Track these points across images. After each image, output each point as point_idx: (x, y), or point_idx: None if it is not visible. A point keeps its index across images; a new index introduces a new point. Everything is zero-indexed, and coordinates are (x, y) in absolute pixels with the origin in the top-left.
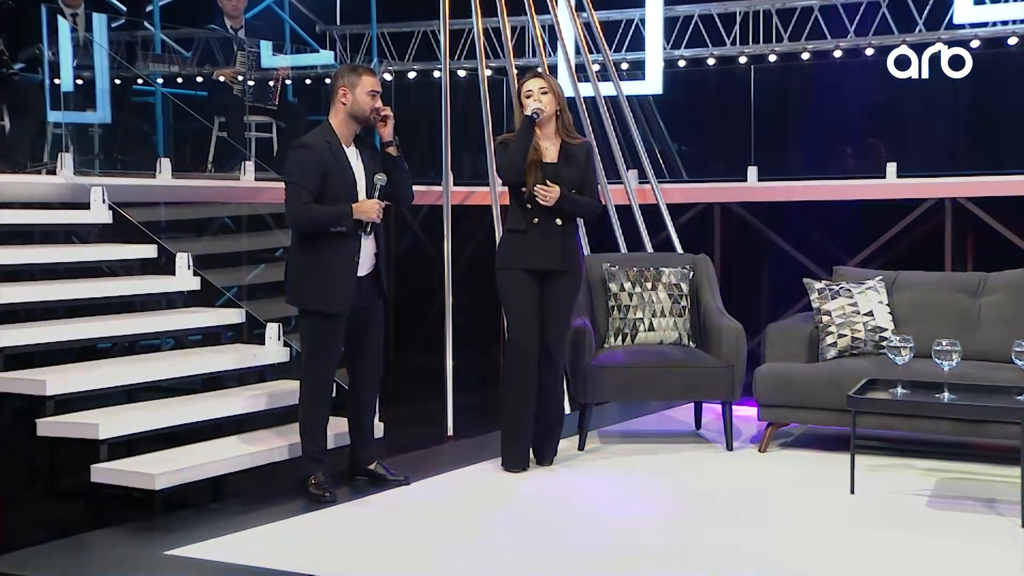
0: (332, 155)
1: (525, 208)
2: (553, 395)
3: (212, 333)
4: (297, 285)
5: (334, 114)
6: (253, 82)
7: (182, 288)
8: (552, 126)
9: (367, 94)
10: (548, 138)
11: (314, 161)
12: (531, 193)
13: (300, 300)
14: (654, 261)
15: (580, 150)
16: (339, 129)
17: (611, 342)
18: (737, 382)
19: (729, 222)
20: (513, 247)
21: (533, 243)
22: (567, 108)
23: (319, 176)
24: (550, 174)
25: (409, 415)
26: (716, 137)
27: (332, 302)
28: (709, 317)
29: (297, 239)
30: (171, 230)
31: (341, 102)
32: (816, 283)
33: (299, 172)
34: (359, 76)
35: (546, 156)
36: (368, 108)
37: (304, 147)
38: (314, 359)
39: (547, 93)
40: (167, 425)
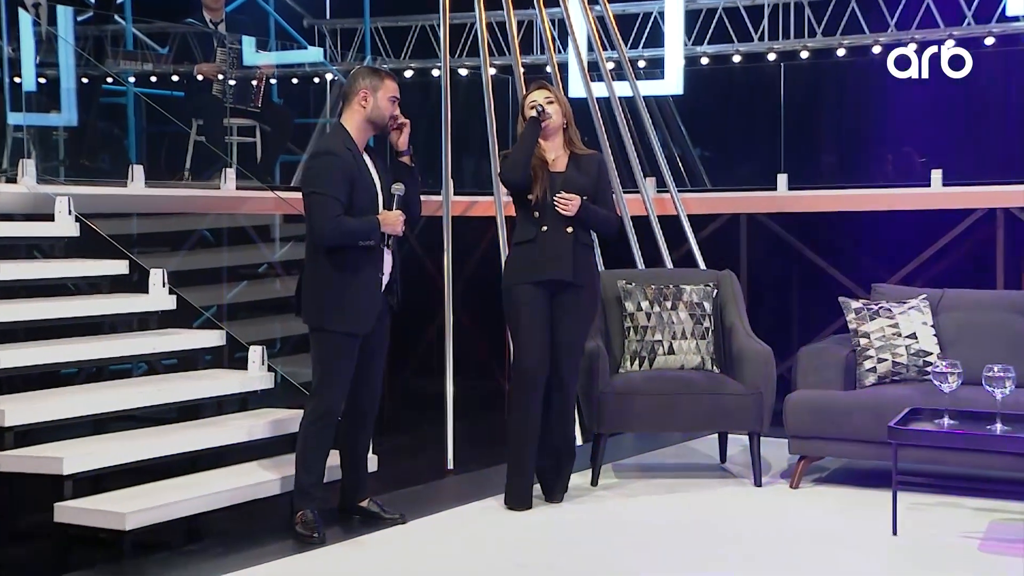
0: (355, 163)
1: (533, 216)
2: (563, 425)
3: (189, 357)
4: (318, 303)
5: (349, 117)
6: (234, 81)
7: (156, 308)
8: (559, 138)
9: (388, 99)
10: (555, 149)
11: (341, 169)
12: (539, 200)
13: (322, 320)
14: (674, 278)
15: (591, 161)
16: (355, 134)
17: (627, 367)
18: (766, 411)
19: (757, 235)
20: (521, 259)
21: (543, 253)
22: (573, 122)
23: (347, 186)
24: (560, 183)
25: (405, 446)
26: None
27: (359, 322)
28: (735, 339)
29: (317, 252)
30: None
31: (360, 105)
32: (853, 302)
33: (326, 181)
34: (382, 80)
35: (555, 165)
36: (388, 114)
37: (330, 154)
38: (329, 383)
39: (553, 103)
40: (138, 459)
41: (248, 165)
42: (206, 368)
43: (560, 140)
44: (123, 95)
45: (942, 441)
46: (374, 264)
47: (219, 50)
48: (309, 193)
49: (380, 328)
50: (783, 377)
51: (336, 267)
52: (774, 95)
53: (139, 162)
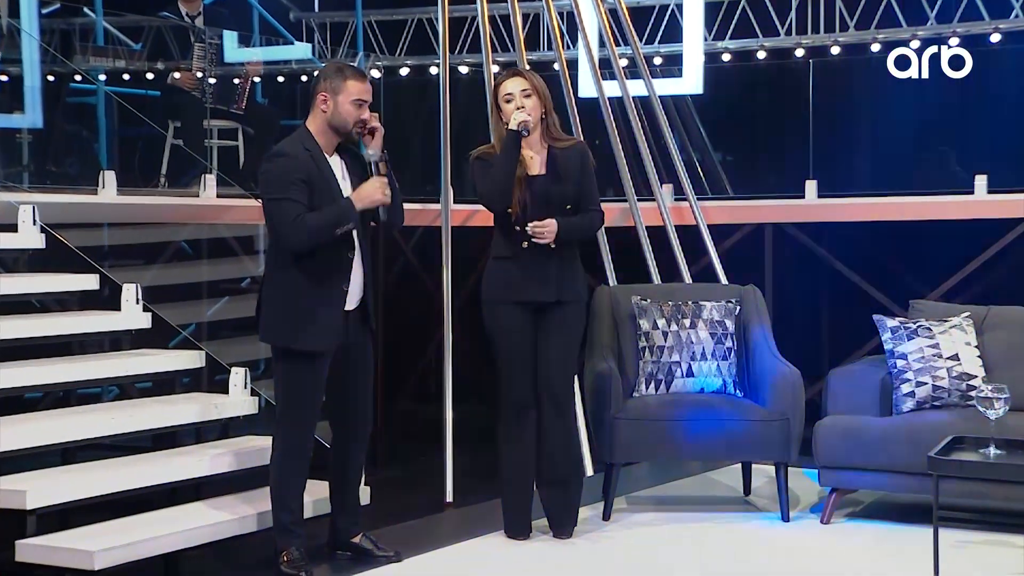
0: (314, 164)
1: (512, 231)
2: (567, 453)
3: (165, 380)
4: (273, 318)
5: (312, 120)
6: (214, 79)
7: (129, 326)
8: (537, 131)
9: (352, 103)
10: (532, 146)
11: (295, 170)
12: (518, 214)
13: (277, 336)
14: (693, 293)
15: (572, 155)
16: (319, 137)
17: (642, 390)
18: (794, 439)
19: (783, 247)
20: (500, 278)
21: (523, 272)
22: (552, 109)
23: (303, 186)
24: (538, 190)
25: (400, 478)
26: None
27: (317, 338)
28: (760, 361)
29: (274, 263)
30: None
31: (321, 109)
32: (889, 320)
33: (280, 184)
34: (344, 80)
35: (531, 168)
36: (351, 119)
37: (281, 156)
38: (292, 409)
39: (531, 95)
40: (109, 491)
41: (230, 171)
42: (184, 392)
43: (538, 135)
44: (93, 94)
45: (988, 473)
46: (337, 274)
47: (197, 46)
48: (266, 200)
49: (359, 350)
50: (812, 402)
51: (293, 280)
52: (802, 94)
53: (110, 167)
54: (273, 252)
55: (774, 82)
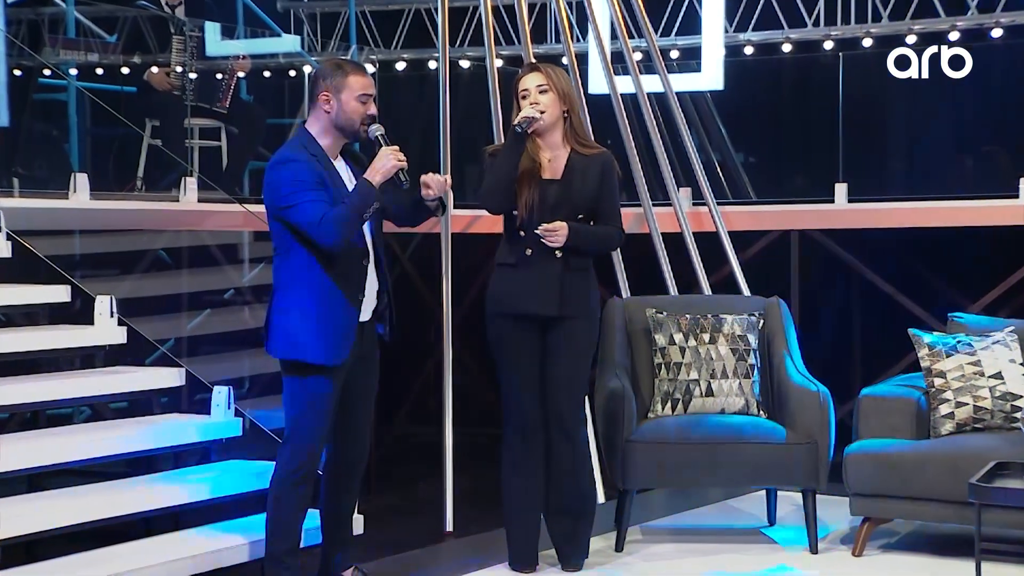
0: (321, 168)
1: (516, 236)
2: (576, 479)
3: (141, 400)
4: (284, 331)
5: (314, 122)
6: (195, 74)
7: (102, 341)
8: (557, 133)
9: (356, 100)
10: (552, 148)
11: (306, 174)
12: (524, 218)
13: (287, 349)
14: (713, 306)
15: (594, 164)
16: (322, 140)
17: (657, 410)
18: (822, 464)
19: (811, 255)
20: (501, 287)
21: (525, 282)
22: (577, 109)
23: (319, 187)
24: (551, 194)
25: (396, 505)
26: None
27: (331, 351)
28: (785, 379)
29: (284, 275)
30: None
31: (324, 109)
32: (926, 335)
33: (294, 189)
34: (345, 77)
35: (546, 171)
36: (358, 117)
37: (287, 161)
38: (302, 428)
39: (547, 91)
40: (81, 520)
41: (212, 173)
42: (162, 413)
43: (559, 136)
44: (63, 91)
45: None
46: (351, 282)
47: (176, 38)
48: (281, 210)
49: (366, 364)
50: (843, 424)
51: (306, 290)
52: (831, 90)
53: (83, 170)
54: (283, 264)
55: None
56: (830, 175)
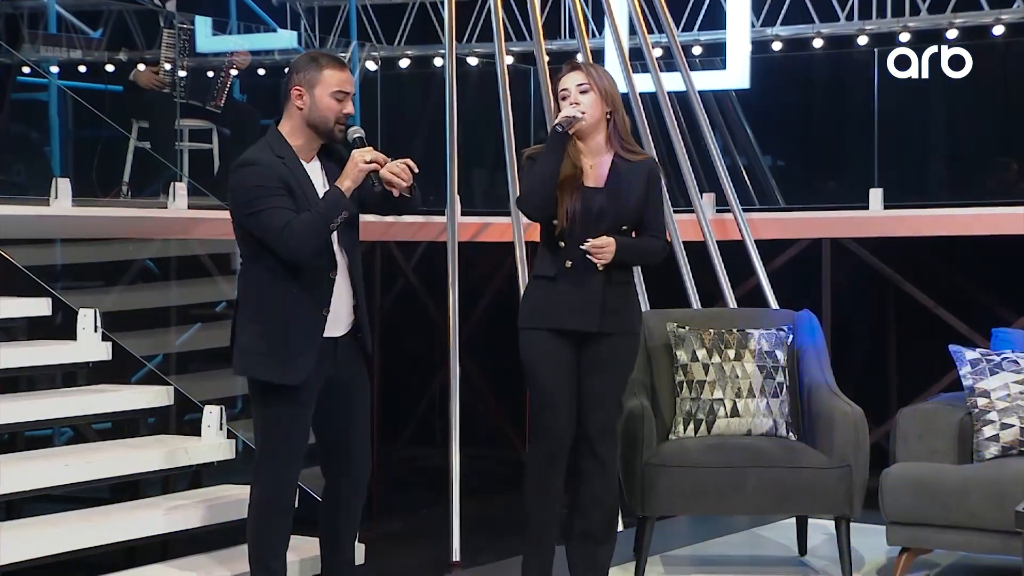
0: (289, 172)
1: (556, 247)
2: (601, 507)
3: (127, 420)
4: (248, 349)
5: (286, 120)
6: (185, 72)
7: (86, 358)
8: (600, 135)
9: (331, 96)
10: (594, 152)
11: (269, 178)
12: (565, 227)
13: (252, 369)
14: (739, 320)
15: (639, 170)
16: (294, 140)
17: (679, 432)
18: (857, 490)
19: (843, 266)
20: (539, 300)
21: (564, 295)
22: (622, 111)
23: (283, 192)
24: (594, 203)
25: (400, 533)
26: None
27: (297, 370)
28: (816, 398)
29: (247, 287)
30: (71, 278)
31: (296, 106)
32: (968, 351)
33: (257, 194)
34: (319, 70)
35: (588, 177)
36: (332, 115)
37: (249, 164)
38: (271, 453)
39: (588, 91)
40: (61, 551)
41: (203, 178)
42: (149, 434)
43: (601, 139)
44: (44, 89)
45: None
46: (314, 296)
47: (165, 32)
48: (243, 216)
49: (350, 384)
50: (879, 447)
51: (268, 305)
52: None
53: (64, 175)
54: (245, 275)
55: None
56: (864, 179)
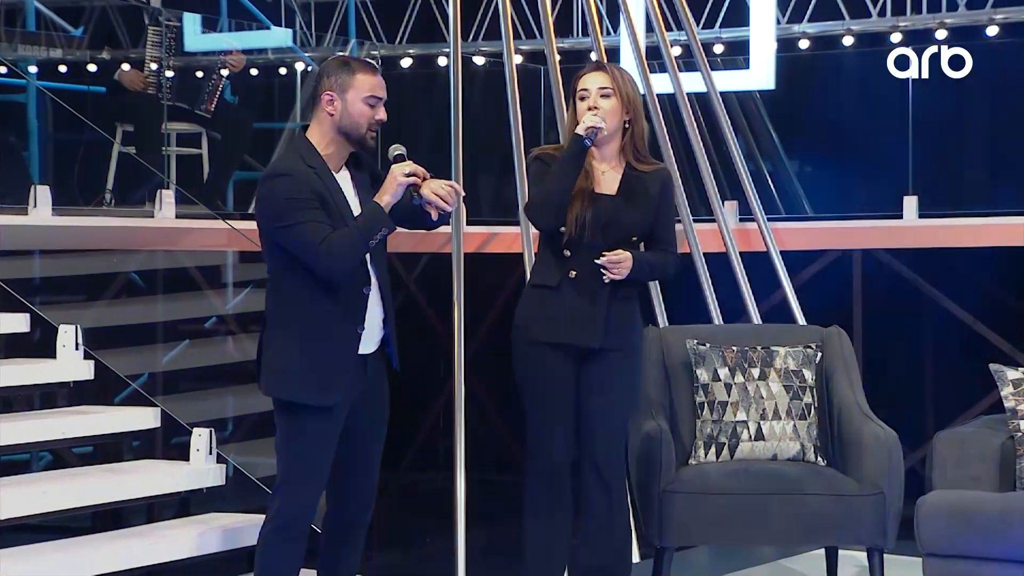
0: (321, 184)
1: (560, 255)
2: (609, 537)
3: (110, 444)
4: (277, 367)
5: (316, 127)
6: (172, 73)
7: (66, 377)
8: (615, 144)
9: (363, 101)
10: (607, 159)
11: (302, 190)
12: (573, 235)
13: (281, 388)
14: (763, 337)
15: (652, 181)
16: (324, 149)
17: (700, 456)
18: (890, 519)
19: (876, 279)
20: (537, 311)
21: (566, 307)
22: (641, 119)
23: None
24: (604, 211)
25: (403, 563)
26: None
27: (329, 389)
28: (847, 421)
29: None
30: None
31: (327, 112)
32: (1010, 371)
33: (291, 208)
34: (352, 75)
35: (600, 185)
36: (364, 121)
37: (281, 175)
38: (295, 476)
39: (610, 96)
40: None
41: (192, 185)
42: (133, 459)
43: (615, 146)
44: (22, 91)
45: None
46: (349, 312)
47: (151, 30)
48: (275, 230)
49: (372, 404)
50: (914, 472)
51: (300, 322)
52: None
53: (44, 182)
54: (276, 290)
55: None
56: (898, 186)
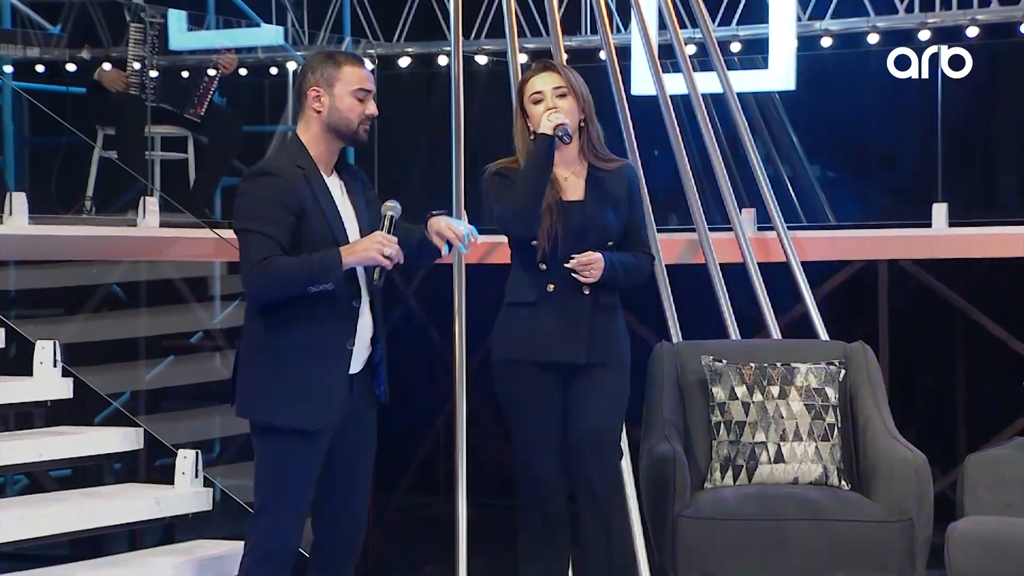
0: (309, 188)
1: (535, 270)
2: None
3: (90, 466)
4: (255, 387)
5: (304, 126)
6: (157, 72)
7: (43, 396)
8: (574, 145)
9: (352, 95)
10: (568, 163)
11: (281, 195)
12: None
13: (259, 410)
14: (783, 353)
15: (618, 179)
16: (314, 148)
17: (716, 479)
18: (919, 547)
19: (903, 291)
20: (517, 329)
21: (547, 323)
22: (593, 116)
23: (288, 217)
24: (576, 218)
25: None
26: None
27: (313, 413)
28: (872, 442)
29: (257, 316)
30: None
31: (314, 109)
32: None
33: (254, 211)
34: (338, 68)
35: (566, 192)
36: (355, 116)
37: (264, 175)
38: (275, 504)
39: (566, 95)
40: None
41: (177, 192)
42: (115, 482)
43: (575, 148)
44: None
45: None
46: (338, 327)
47: (133, 27)
48: (237, 231)
49: (359, 425)
50: (944, 497)
51: (282, 337)
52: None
53: (19, 188)
54: None
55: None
56: (926, 193)
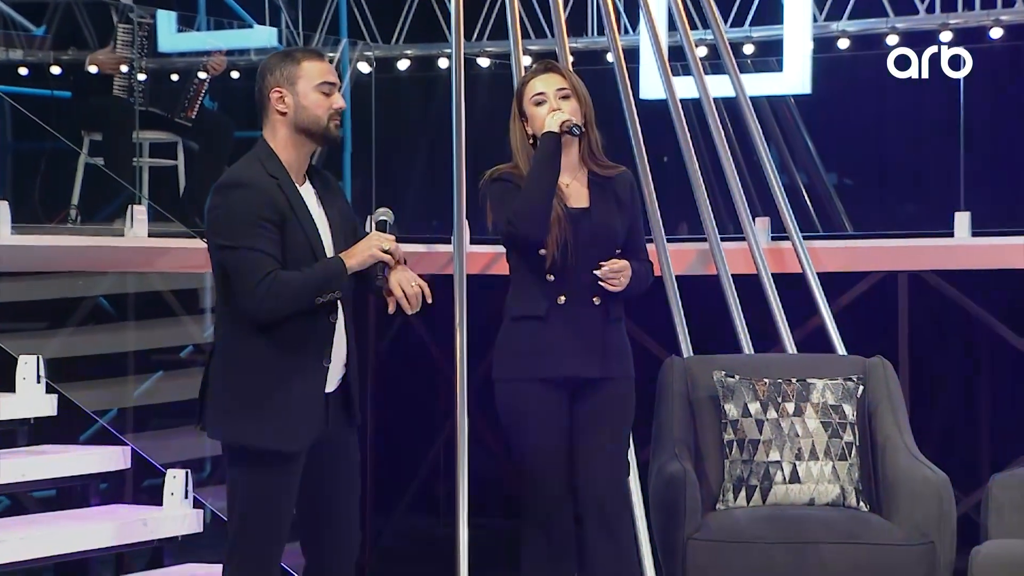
0: (284, 197)
1: (544, 281)
2: None
3: (75, 487)
4: (225, 406)
5: (271, 132)
6: (145, 75)
7: (26, 414)
8: (574, 151)
9: (315, 90)
10: (569, 169)
11: (261, 208)
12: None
13: (230, 431)
14: (799, 368)
15: (620, 186)
16: (285, 154)
17: (728, 500)
18: (942, 571)
19: (923, 303)
20: (525, 345)
21: (559, 337)
22: (594, 123)
23: (273, 229)
24: (585, 226)
25: None
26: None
27: (287, 434)
28: (892, 461)
29: (228, 331)
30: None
31: (278, 111)
32: None
33: (240, 227)
34: (297, 64)
35: (570, 199)
36: (323, 111)
37: (238, 186)
38: (250, 529)
39: (569, 97)
40: None
41: (166, 200)
42: (101, 504)
43: (575, 154)
44: None
45: None
46: (315, 346)
47: (121, 28)
48: (219, 248)
49: (338, 445)
50: (967, 519)
51: (255, 354)
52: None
53: (2, 196)
54: (226, 316)
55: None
56: (948, 201)
